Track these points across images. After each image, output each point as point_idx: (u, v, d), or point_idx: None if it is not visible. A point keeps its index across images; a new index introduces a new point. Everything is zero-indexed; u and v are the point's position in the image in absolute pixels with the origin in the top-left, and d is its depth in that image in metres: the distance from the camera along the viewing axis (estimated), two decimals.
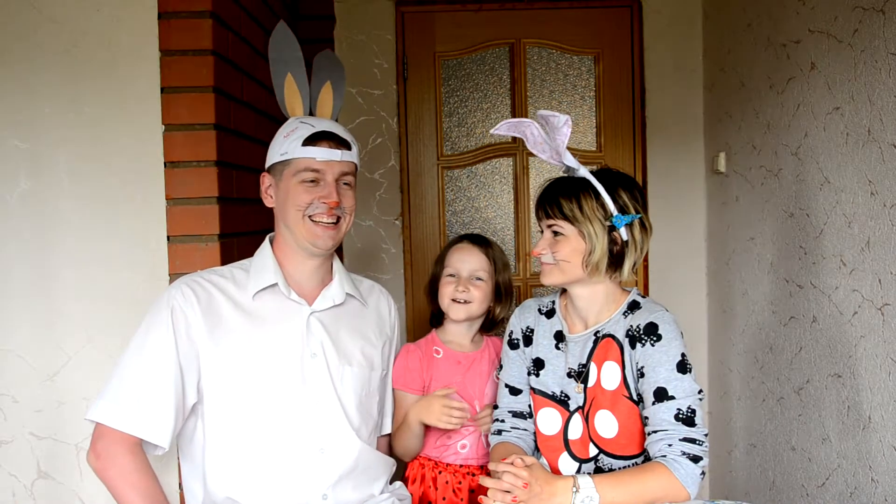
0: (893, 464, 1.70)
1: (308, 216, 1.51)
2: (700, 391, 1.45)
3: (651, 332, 1.47)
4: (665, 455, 1.40)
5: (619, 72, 3.01)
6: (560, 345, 1.61)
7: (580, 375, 1.55)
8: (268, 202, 1.58)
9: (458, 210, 3.05)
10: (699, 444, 1.40)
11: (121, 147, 1.75)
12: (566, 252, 1.50)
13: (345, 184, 1.54)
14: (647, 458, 1.47)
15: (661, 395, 1.43)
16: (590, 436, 1.53)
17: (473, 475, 1.76)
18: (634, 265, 1.54)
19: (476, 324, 1.84)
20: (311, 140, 1.50)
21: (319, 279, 1.60)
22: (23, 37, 1.74)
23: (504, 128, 1.54)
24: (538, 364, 1.62)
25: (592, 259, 1.49)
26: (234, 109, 1.91)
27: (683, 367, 1.45)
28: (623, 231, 1.50)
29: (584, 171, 1.52)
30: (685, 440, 1.40)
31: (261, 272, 1.54)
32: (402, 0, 2.98)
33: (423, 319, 2.52)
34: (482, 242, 1.85)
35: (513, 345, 1.68)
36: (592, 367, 1.53)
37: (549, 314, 1.65)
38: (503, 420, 1.66)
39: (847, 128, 1.87)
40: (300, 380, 1.51)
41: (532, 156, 2.99)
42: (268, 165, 1.56)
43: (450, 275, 1.80)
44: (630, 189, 1.52)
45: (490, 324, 1.86)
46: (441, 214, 3.03)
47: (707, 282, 2.98)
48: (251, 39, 2.07)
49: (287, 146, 1.51)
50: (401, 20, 2.99)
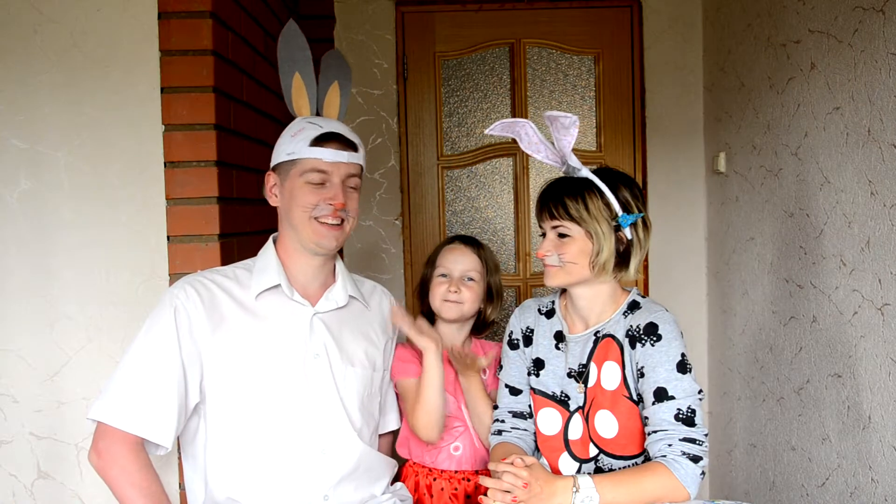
0: (893, 464, 1.70)
1: (314, 217, 1.51)
2: (700, 391, 1.45)
3: (651, 332, 1.47)
4: (665, 455, 1.40)
5: (619, 72, 3.01)
6: (560, 345, 1.61)
7: (580, 375, 1.55)
8: (272, 201, 1.57)
9: (458, 210, 3.05)
10: (699, 444, 1.40)
11: (121, 147, 1.75)
12: (573, 253, 1.49)
13: (350, 186, 1.54)
14: (648, 458, 1.47)
15: (661, 395, 1.43)
16: (590, 436, 1.53)
17: (468, 480, 1.75)
18: (638, 264, 1.54)
19: (467, 325, 1.84)
20: (319, 141, 1.50)
21: (322, 280, 1.60)
22: (23, 37, 1.74)
23: (498, 128, 1.53)
24: (538, 364, 1.62)
25: (600, 259, 1.48)
26: (234, 109, 1.91)
27: (683, 367, 1.45)
28: (627, 230, 1.50)
29: (587, 172, 1.51)
30: (685, 440, 1.40)
31: (264, 272, 1.54)
32: (402, 0, 2.98)
33: None
34: (474, 243, 1.84)
35: (513, 345, 1.68)
36: (592, 368, 1.53)
37: (549, 314, 1.65)
38: (503, 420, 1.66)
39: (847, 128, 1.87)
40: (303, 380, 1.51)
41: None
42: (273, 164, 1.56)
43: (441, 275, 1.79)
44: (630, 187, 1.53)
45: (481, 325, 1.86)
46: (441, 214, 3.03)
47: (707, 282, 2.98)
48: (251, 39, 2.07)
49: (294, 146, 1.50)
50: (401, 20, 2.99)
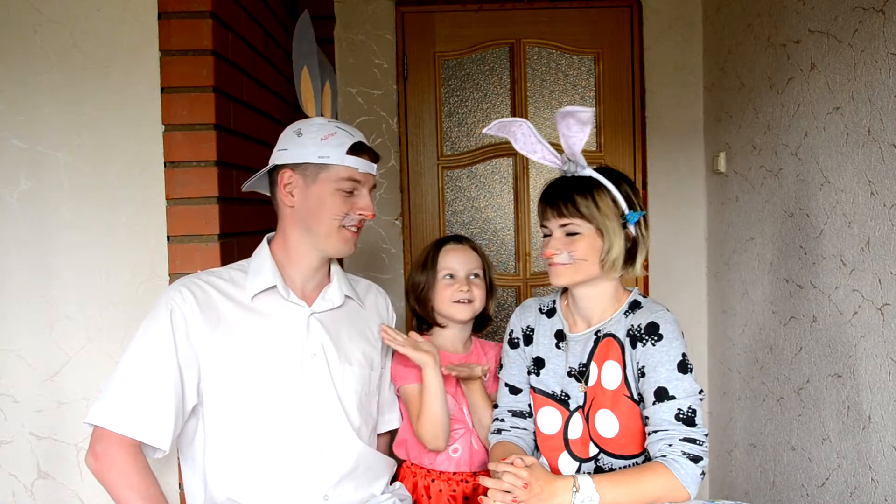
0: (893, 464, 1.70)
1: (343, 225, 1.52)
2: (700, 391, 1.45)
3: (652, 332, 1.47)
4: (665, 455, 1.40)
5: (619, 72, 3.01)
6: (560, 344, 1.61)
7: (581, 375, 1.55)
8: (287, 200, 1.53)
9: (458, 210, 3.05)
10: (699, 445, 1.40)
11: (121, 147, 1.75)
12: (584, 251, 1.49)
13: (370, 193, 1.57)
14: (648, 458, 1.47)
15: (662, 395, 1.43)
16: (590, 435, 1.53)
17: (467, 482, 1.75)
18: (643, 260, 1.55)
19: (469, 324, 1.84)
20: (356, 151, 1.51)
21: (318, 281, 1.60)
22: (23, 37, 1.74)
23: (495, 127, 1.52)
24: (538, 363, 1.62)
25: (611, 257, 1.49)
26: (234, 109, 1.91)
27: (684, 367, 1.45)
28: (632, 227, 1.51)
29: (591, 171, 1.52)
30: (685, 440, 1.40)
31: (259, 274, 1.54)
32: (402, 0, 2.98)
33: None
34: (467, 241, 1.85)
35: (513, 344, 1.68)
36: (593, 367, 1.53)
37: (550, 313, 1.65)
38: (503, 419, 1.66)
39: (847, 128, 1.87)
40: (300, 380, 1.51)
41: None
42: (294, 162, 1.51)
43: (447, 276, 1.79)
44: (631, 186, 1.54)
45: (481, 322, 1.85)
46: (441, 214, 3.03)
47: (707, 281, 2.98)
48: (251, 39, 2.07)
49: (328, 150, 1.49)
50: (401, 20, 2.99)
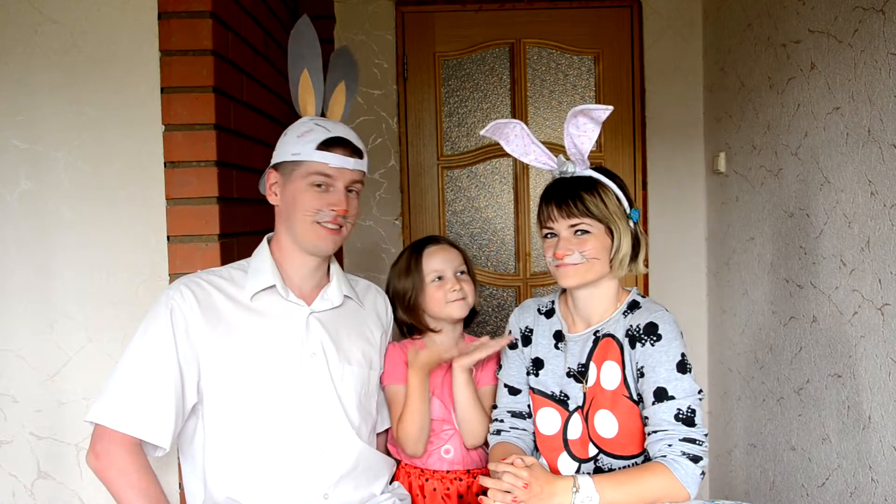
0: (893, 464, 1.70)
1: (316, 221, 1.51)
2: (700, 391, 1.45)
3: (651, 332, 1.47)
4: (665, 455, 1.40)
5: (619, 72, 3.01)
6: (559, 344, 1.61)
7: (580, 375, 1.55)
8: (272, 199, 1.56)
9: (458, 210, 3.05)
10: (699, 445, 1.40)
11: (121, 147, 1.75)
12: (596, 248, 1.49)
13: (350, 191, 1.54)
14: (647, 458, 1.47)
15: (661, 395, 1.43)
16: (589, 436, 1.53)
17: (461, 480, 1.75)
18: (645, 256, 1.57)
19: (459, 325, 1.83)
20: (326, 145, 1.50)
21: (317, 281, 1.60)
22: (23, 37, 1.74)
23: (490, 129, 1.52)
24: (537, 364, 1.62)
25: (620, 254, 1.49)
26: (234, 109, 1.91)
27: (683, 367, 1.45)
28: (632, 224, 1.52)
29: (592, 171, 1.52)
30: (685, 440, 1.40)
31: (258, 273, 1.54)
32: (402, 0, 2.98)
33: None
34: (444, 240, 1.84)
35: (512, 344, 1.68)
36: (592, 367, 1.53)
37: (549, 314, 1.65)
38: (502, 420, 1.66)
39: (847, 128, 1.87)
40: (300, 380, 1.51)
41: None
42: (275, 162, 1.55)
43: (436, 278, 1.78)
44: (624, 184, 1.55)
45: (470, 315, 1.85)
46: (441, 214, 3.03)
47: (707, 282, 2.98)
48: (251, 39, 2.07)
49: (300, 147, 1.50)
50: (401, 20, 2.99)
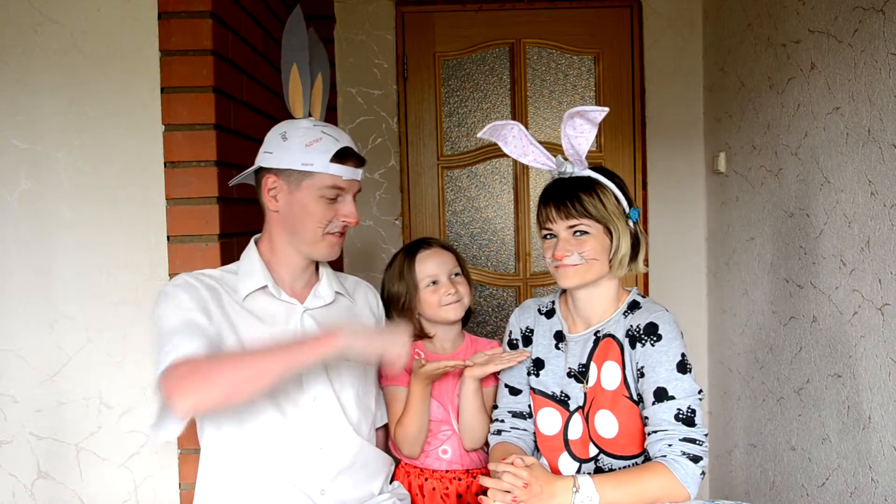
0: (893, 464, 1.70)
1: (327, 232, 1.51)
2: (700, 391, 1.45)
3: (651, 332, 1.47)
4: (665, 455, 1.40)
5: (619, 72, 3.01)
6: (560, 345, 1.61)
7: (581, 375, 1.55)
8: (271, 205, 1.52)
9: (458, 210, 3.05)
10: (699, 444, 1.40)
11: (121, 147, 1.75)
12: (595, 249, 1.49)
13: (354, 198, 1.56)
14: (648, 459, 1.47)
15: (661, 395, 1.43)
16: (590, 436, 1.53)
17: (460, 480, 1.75)
18: (644, 256, 1.56)
19: (458, 323, 1.83)
20: (339, 157, 1.49)
21: (307, 279, 1.60)
22: (23, 37, 1.74)
23: (488, 131, 1.52)
24: (538, 364, 1.62)
25: (619, 255, 1.49)
26: (234, 109, 1.91)
27: (683, 367, 1.45)
28: (632, 224, 1.52)
29: (591, 171, 1.52)
30: (685, 440, 1.40)
31: (249, 275, 1.53)
32: (402, 0, 2.98)
33: None
34: (436, 242, 1.83)
35: (512, 345, 1.68)
36: (592, 367, 1.53)
37: (549, 314, 1.65)
38: (503, 420, 1.66)
39: (847, 128, 1.87)
40: (297, 378, 1.51)
41: None
42: (278, 167, 1.50)
43: (430, 283, 1.77)
44: (623, 183, 1.55)
45: (465, 315, 1.85)
46: (441, 214, 3.03)
47: (707, 282, 2.98)
48: (251, 39, 2.07)
49: (312, 157, 1.47)
50: (401, 20, 2.99)
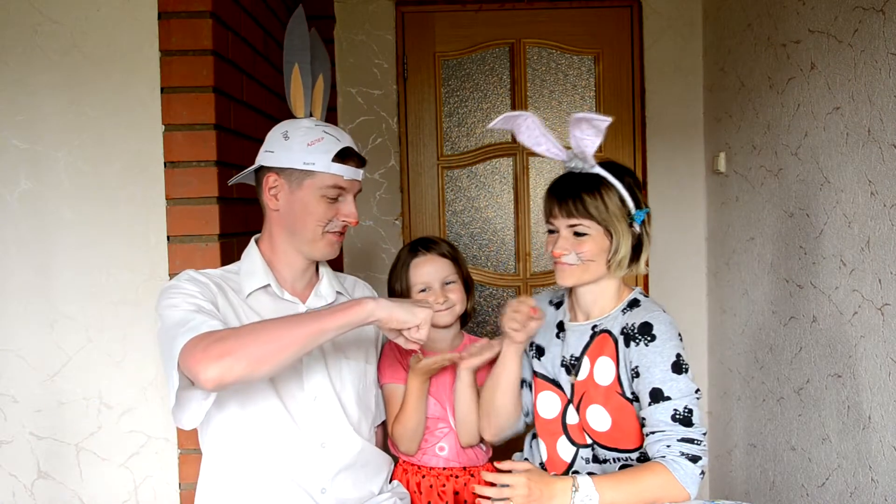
0: (893, 464, 1.70)
1: (327, 231, 1.51)
2: (697, 391, 1.44)
3: (645, 332, 1.47)
4: (664, 456, 1.40)
5: (619, 72, 3.01)
6: (560, 334, 1.61)
7: (572, 367, 1.55)
8: (272, 203, 1.52)
9: (458, 210, 3.05)
10: (697, 444, 1.40)
11: (121, 147, 1.75)
12: (592, 251, 1.48)
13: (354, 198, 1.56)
14: (644, 455, 1.47)
15: (657, 396, 1.43)
16: (583, 427, 1.53)
17: (457, 477, 1.75)
18: (647, 257, 1.55)
19: (457, 322, 1.82)
20: (342, 157, 1.49)
21: (308, 279, 1.61)
22: (23, 37, 1.74)
23: (500, 122, 1.51)
24: (539, 351, 1.63)
25: (617, 257, 1.48)
26: (234, 109, 1.91)
27: (679, 368, 1.44)
28: (637, 225, 1.50)
29: (599, 169, 1.50)
30: (683, 440, 1.40)
31: (251, 274, 1.54)
32: (402, 0, 2.98)
33: None
34: (437, 246, 1.80)
35: None
36: (585, 361, 1.53)
37: (558, 305, 1.66)
38: None
39: (847, 128, 1.87)
40: (297, 378, 1.51)
41: (533, 155, 3.00)
42: (280, 166, 1.50)
43: (422, 290, 1.75)
44: (634, 180, 1.52)
45: (462, 318, 1.84)
46: (441, 214, 3.03)
47: (707, 282, 2.98)
48: (251, 39, 2.07)
49: (314, 157, 1.47)
50: (401, 20, 2.99)
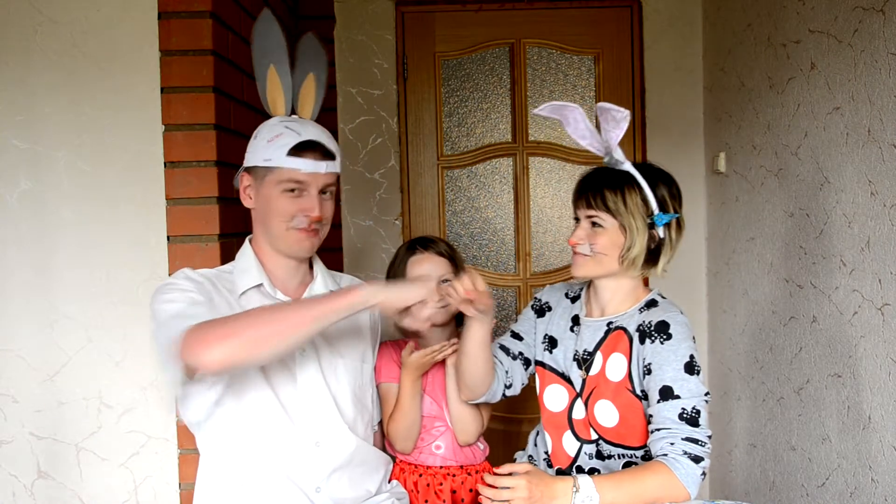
0: (893, 464, 1.70)
1: (291, 227, 1.51)
2: (707, 394, 1.45)
3: (662, 330, 1.47)
4: (667, 454, 1.39)
5: (619, 72, 3.01)
6: (574, 328, 1.61)
7: (583, 362, 1.55)
8: (247, 202, 1.56)
9: (458, 210, 3.05)
10: (701, 445, 1.40)
11: (121, 147, 1.76)
12: (604, 244, 1.50)
13: (324, 192, 1.53)
14: (649, 454, 1.48)
15: (667, 394, 1.43)
16: (589, 422, 1.53)
17: (454, 476, 1.75)
18: (667, 262, 1.55)
19: (451, 324, 1.82)
20: (297, 150, 1.47)
21: (301, 278, 1.61)
22: (23, 37, 1.74)
23: (547, 109, 1.53)
24: (552, 342, 1.63)
25: (630, 255, 1.49)
26: (234, 109, 1.91)
27: (691, 369, 1.44)
28: (660, 229, 1.51)
29: (629, 166, 1.52)
30: (687, 440, 1.40)
31: (245, 273, 1.54)
32: (402, 0, 2.98)
33: None
34: (435, 244, 1.80)
35: (534, 308, 1.70)
36: (598, 357, 1.54)
37: (574, 299, 1.67)
38: (494, 354, 1.65)
39: (847, 128, 1.87)
40: (291, 376, 1.51)
41: (533, 155, 3.00)
42: (247, 165, 1.53)
43: None
44: (669, 186, 1.54)
45: (459, 317, 1.84)
46: (441, 214, 3.03)
47: (707, 282, 2.98)
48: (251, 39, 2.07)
49: (271, 152, 1.48)
50: (401, 20, 2.99)
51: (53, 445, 1.77)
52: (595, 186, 1.51)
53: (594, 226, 1.51)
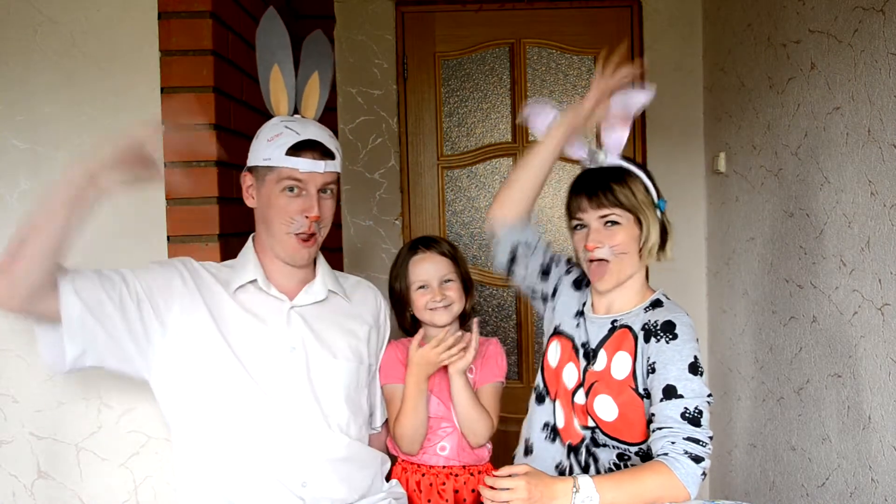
0: (893, 464, 1.70)
1: (291, 233, 1.52)
2: (710, 395, 1.45)
3: (668, 330, 1.47)
4: (667, 453, 1.39)
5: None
6: (580, 322, 1.62)
7: (586, 356, 1.56)
8: (249, 202, 1.58)
9: (458, 210, 3.05)
10: (702, 445, 1.40)
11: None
12: (624, 242, 1.50)
13: (324, 191, 1.54)
14: (645, 452, 1.48)
15: (670, 393, 1.43)
16: (587, 410, 1.53)
17: (457, 476, 1.75)
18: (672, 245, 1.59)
19: (455, 321, 1.82)
20: (296, 150, 1.49)
21: (301, 277, 1.61)
22: (23, 37, 1.74)
23: (528, 110, 1.57)
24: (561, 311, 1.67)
25: (648, 244, 1.51)
26: (234, 109, 1.91)
27: (695, 369, 1.45)
28: (659, 214, 1.54)
29: (622, 160, 1.55)
30: (689, 439, 1.39)
31: (242, 269, 1.57)
32: (402, 0, 2.98)
33: None
34: (437, 244, 1.81)
35: (568, 270, 1.71)
36: (602, 354, 1.54)
37: (578, 284, 1.67)
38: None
39: (847, 128, 1.87)
40: (276, 373, 1.52)
41: None
42: (250, 164, 1.56)
43: (420, 287, 1.76)
44: (650, 174, 1.57)
45: (462, 318, 1.84)
46: (441, 214, 3.03)
47: (707, 282, 2.98)
48: (251, 39, 2.07)
49: (271, 151, 1.50)
50: (401, 20, 2.99)
51: (53, 445, 1.77)
52: (601, 185, 1.51)
53: (608, 225, 1.51)
